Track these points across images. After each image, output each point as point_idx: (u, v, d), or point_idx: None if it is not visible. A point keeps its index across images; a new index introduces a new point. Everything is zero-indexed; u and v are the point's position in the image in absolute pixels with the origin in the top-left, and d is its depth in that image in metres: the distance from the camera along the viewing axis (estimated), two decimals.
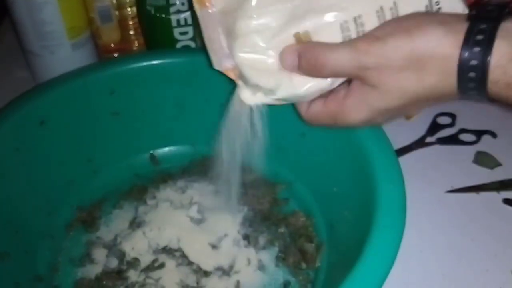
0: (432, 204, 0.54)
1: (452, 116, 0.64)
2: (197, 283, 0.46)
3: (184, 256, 0.48)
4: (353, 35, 0.36)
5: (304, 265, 0.47)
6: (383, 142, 0.43)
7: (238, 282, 0.46)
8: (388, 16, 0.36)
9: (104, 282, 0.46)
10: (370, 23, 0.36)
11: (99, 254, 0.49)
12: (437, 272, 0.48)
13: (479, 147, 0.60)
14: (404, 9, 0.36)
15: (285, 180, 0.55)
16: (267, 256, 0.49)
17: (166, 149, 0.59)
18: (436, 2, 0.36)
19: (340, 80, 0.38)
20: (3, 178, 0.46)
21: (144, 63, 0.53)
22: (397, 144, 0.59)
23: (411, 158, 0.59)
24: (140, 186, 0.55)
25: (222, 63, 0.40)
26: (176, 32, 0.61)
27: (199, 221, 0.50)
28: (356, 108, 0.37)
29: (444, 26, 0.32)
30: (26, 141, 0.48)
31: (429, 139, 0.61)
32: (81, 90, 0.51)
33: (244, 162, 0.43)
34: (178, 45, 0.62)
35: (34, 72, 0.66)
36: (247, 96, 0.40)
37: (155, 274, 0.47)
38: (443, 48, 0.32)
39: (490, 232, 0.51)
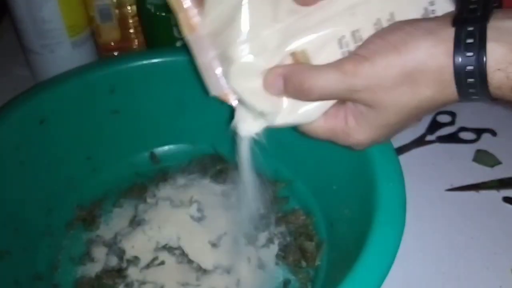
0: (432, 203, 0.54)
1: (452, 114, 0.64)
2: (197, 281, 0.46)
3: (184, 254, 0.48)
4: (352, 50, 0.35)
5: (304, 264, 0.48)
6: None
7: (238, 281, 0.46)
8: None
9: (104, 280, 0.46)
10: (368, 36, 0.35)
11: (99, 252, 0.49)
12: (437, 270, 0.48)
13: (479, 145, 0.60)
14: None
15: (285, 179, 0.55)
16: (267, 255, 0.49)
17: (166, 147, 0.59)
18: (432, 10, 0.35)
19: None
20: (3, 177, 0.46)
21: (144, 62, 0.53)
22: (397, 143, 0.59)
23: (411, 156, 0.59)
24: (140, 185, 0.55)
25: (218, 89, 0.38)
26: (176, 30, 0.61)
27: (199, 220, 0.50)
28: (358, 129, 0.36)
29: (431, 35, 0.31)
30: (26, 140, 0.48)
31: (429, 138, 0.62)
32: (81, 88, 0.51)
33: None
34: (178, 44, 0.62)
35: (34, 70, 0.66)
36: (248, 124, 0.38)
37: (155, 272, 0.47)
38: (435, 59, 0.31)
39: (490, 230, 0.51)
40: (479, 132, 0.61)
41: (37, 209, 0.49)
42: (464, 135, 0.62)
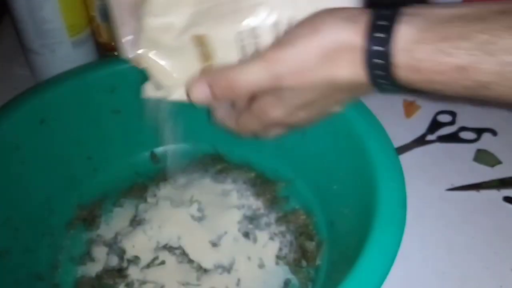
0: (433, 202, 0.54)
1: (453, 114, 0.64)
2: (198, 280, 0.46)
3: (184, 254, 0.48)
4: (250, 45, 0.37)
5: (304, 263, 0.48)
6: (384, 140, 0.43)
7: (238, 280, 0.46)
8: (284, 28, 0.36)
9: (105, 280, 0.46)
10: (266, 34, 0.36)
11: (100, 252, 0.49)
12: (437, 269, 0.48)
13: (479, 145, 0.60)
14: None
15: (285, 178, 0.55)
16: (268, 254, 0.49)
17: (167, 147, 0.59)
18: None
19: None
20: (4, 176, 0.46)
21: None
22: (398, 142, 0.59)
23: (412, 156, 0.59)
24: (141, 184, 0.55)
25: (130, 52, 0.41)
26: None
27: (199, 219, 0.50)
28: (275, 106, 0.37)
29: (349, 20, 0.32)
30: (27, 140, 0.48)
31: (429, 137, 0.62)
32: (82, 88, 0.51)
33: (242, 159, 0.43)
34: None
35: (34, 70, 0.66)
36: (150, 89, 0.42)
37: (156, 272, 0.47)
38: (350, 39, 0.32)
39: (490, 230, 0.51)
40: (479, 131, 0.61)
41: (37, 208, 0.49)
42: (464, 134, 0.62)
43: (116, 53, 0.69)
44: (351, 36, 0.32)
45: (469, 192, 0.55)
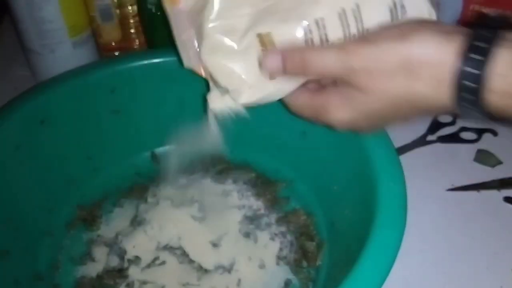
0: (433, 202, 0.54)
1: (453, 114, 0.64)
2: (198, 281, 0.46)
3: (185, 254, 0.48)
4: (316, 37, 0.36)
5: (305, 264, 0.47)
6: (384, 140, 0.43)
7: (239, 281, 0.46)
8: (351, 18, 0.36)
9: (105, 280, 0.46)
10: (332, 25, 0.36)
11: (100, 252, 0.49)
12: (437, 270, 0.48)
13: (480, 145, 0.60)
14: (367, 12, 0.36)
15: (286, 178, 0.55)
16: (268, 255, 0.48)
17: (167, 147, 0.59)
18: (402, 6, 0.36)
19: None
20: (4, 177, 0.46)
21: (145, 62, 0.53)
22: (398, 143, 0.59)
23: (412, 156, 0.59)
24: (141, 185, 0.55)
25: (192, 62, 0.40)
26: None
27: (200, 219, 0.50)
28: (339, 107, 0.36)
29: (443, 34, 0.31)
30: (27, 140, 0.48)
31: (430, 138, 0.61)
32: (82, 88, 0.51)
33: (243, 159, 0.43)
34: None
35: (35, 70, 0.66)
36: (215, 99, 0.41)
37: (156, 272, 0.47)
38: (439, 54, 0.30)
39: (491, 230, 0.51)
40: (480, 132, 0.61)
41: (37, 209, 0.49)
42: (465, 135, 0.62)
43: (116, 53, 0.69)
44: (442, 53, 0.30)
45: (470, 192, 0.55)
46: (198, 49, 0.40)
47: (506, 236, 0.51)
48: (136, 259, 0.48)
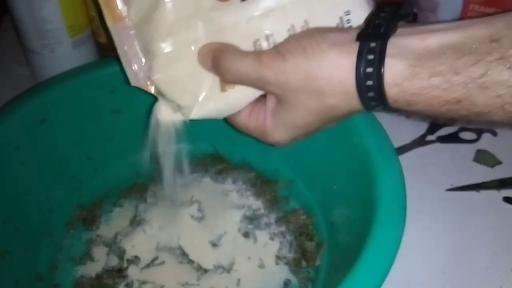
0: (432, 203, 0.54)
1: None
2: (197, 281, 0.46)
3: (184, 254, 0.48)
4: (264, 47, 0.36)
5: (304, 264, 0.48)
6: (383, 141, 0.43)
7: (238, 280, 0.46)
8: None
9: (105, 280, 0.47)
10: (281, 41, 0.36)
11: (100, 252, 0.49)
12: (437, 270, 0.48)
13: (479, 145, 0.60)
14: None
15: (285, 178, 0.55)
16: (267, 254, 0.49)
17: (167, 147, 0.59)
18: (347, 20, 0.36)
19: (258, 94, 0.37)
20: (4, 176, 0.46)
21: None
22: (397, 143, 0.59)
23: (411, 156, 0.59)
24: (141, 184, 0.55)
25: (140, 79, 0.40)
26: None
27: (199, 219, 0.50)
28: (275, 128, 0.37)
29: (337, 47, 0.32)
30: (27, 139, 0.48)
31: (429, 138, 0.61)
32: (82, 88, 0.51)
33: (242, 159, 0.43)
34: None
35: (34, 70, 0.66)
36: (165, 114, 0.40)
37: (156, 272, 0.47)
38: (338, 71, 0.31)
39: (490, 230, 0.51)
40: (479, 132, 0.61)
41: (37, 208, 0.49)
42: (464, 135, 0.61)
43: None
44: (340, 68, 0.32)
45: (469, 193, 0.55)
46: (145, 65, 0.39)
47: (505, 236, 0.51)
48: (136, 259, 0.48)
